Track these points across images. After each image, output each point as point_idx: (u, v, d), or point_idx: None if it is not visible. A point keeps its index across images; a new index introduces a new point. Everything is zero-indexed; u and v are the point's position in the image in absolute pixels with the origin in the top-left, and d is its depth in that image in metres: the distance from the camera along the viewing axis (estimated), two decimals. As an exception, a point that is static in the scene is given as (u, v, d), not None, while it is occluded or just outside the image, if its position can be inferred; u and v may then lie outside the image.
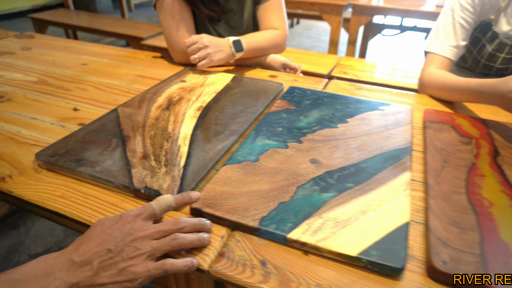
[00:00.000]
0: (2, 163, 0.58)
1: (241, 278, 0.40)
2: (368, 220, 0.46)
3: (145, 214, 0.42)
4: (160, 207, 0.43)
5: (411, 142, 0.63)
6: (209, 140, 0.62)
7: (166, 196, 0.44)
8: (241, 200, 0.49)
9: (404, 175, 0.54)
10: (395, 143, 0.63)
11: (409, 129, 0.67)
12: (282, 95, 0.80)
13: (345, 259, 0.42)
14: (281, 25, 1.03)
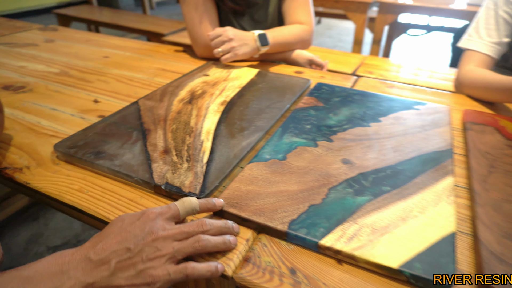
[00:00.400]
0: (20, 153, 0.56)
1: (269, 287, 0.36)
2: (409, 228, 0.41)
3: (168, 214, 0.39)
4: (184, 209, 0.40)
5: (452, 144, 0.58)
6: (233, 136, 0.58)
7: (191, 198, 0.41)
8: (268, 201, 0.45)
9: (446, 179, 0.49)
10: (434, 144, 0.58)
11: (448, 130, 0.62)
12: (309, 92, 0.76)
13: (384, 271, 0.37)
14: (308, 20, 0.99)
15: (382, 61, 1.84)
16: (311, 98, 0.73)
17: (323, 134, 0.60)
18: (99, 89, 0.79)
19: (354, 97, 0.74)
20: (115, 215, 0.44)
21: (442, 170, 0.52)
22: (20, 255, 1.24)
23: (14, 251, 1.27)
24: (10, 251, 1.26)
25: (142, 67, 0.92)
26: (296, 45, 0.98)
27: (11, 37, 1.15)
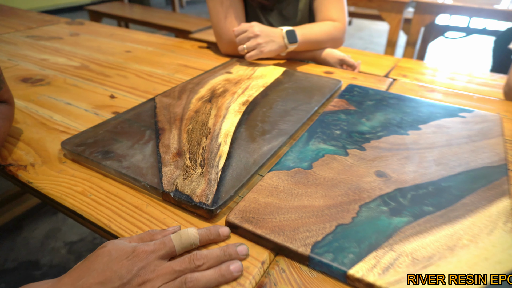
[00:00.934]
0: (28, 149, 0.53)
1: (286, 323, 0.30)
2: (457, 261, 0.34)
3: (162, 251, 0.34)
4: (181, 245, 0.35)
5: (506, 159, 0.50)
6: (254, 140, 0.53)
7: (190, 232, 0.36)
8: (290, 217, 0.39)
9: (502, 201, 0.42)
10: (484, 158, 0.50)
11: (501, 142, 0.54)
12: (340, 94, 0.69)
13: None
14: (340, 17, 0.92)
15: (417, 64, 1.74)
16: (341, 100, 0.66)
17: (354, 142, 0.53)
18: (117, 84, 0.75)
19: (390, 101, 0.67)
20: (117, 223, 0.40)
21: (495, 189, 0.44)
22: (37, 249, 1.24)
23: (32, 244, 1.26)
24: (28, 245, 1.26)
25: (163, 63, 0.88)
26: (326, 44, 0.92)
27: (38, 30, 1.15)
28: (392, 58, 1.82)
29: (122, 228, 0.39)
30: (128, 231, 0.39)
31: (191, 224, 0.40)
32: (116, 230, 0.39)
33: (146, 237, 0.36)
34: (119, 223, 0.40)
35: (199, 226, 0.40)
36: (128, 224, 0.40)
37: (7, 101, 0.53)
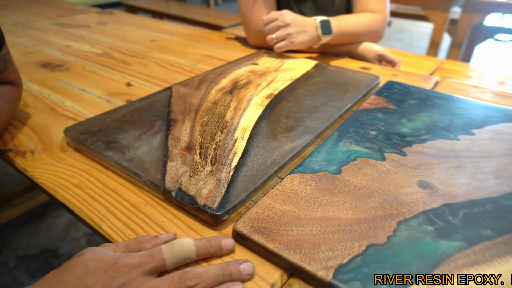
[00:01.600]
0: (31, 135, 0.49)
1: None
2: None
3: (149, 265, 0.28)
4: (173, 258, 0.29)
5: None
6: (275, 137, 0.46)
7: (185, 243, 0.30)
8: (310, 231, 0.32)
9: None
10: (558, 173, 0.40)
11: None
12: (377, 90, 0.61)
13: None
14: (381, 8, 0.83)
15: (462, 66, 1.59)
16: (379, 98, 0.58)
17: (393, 144, 0.46)
18: (136, 72, 0.71)
19: (436, 101, 0.58)
20: (109, 223, 0.34)
21: None
22: (58, 238, 1.24)
23: (54, 232, 1.26)
24: (51, 232, 1.27)
25: (187, 53, 0.83)
26: (364, 37, 0.83)
27: (68, 18, 1.14)
28: (434, 59, 1.68)
29: (114, 230, 0.34)
30: (120, 233, 0.34)
31: (192, 231, 0.34)
32: (106, 231, 0.34)
33: (134, 245, 0.30)
34: (112, 223, 0.35)
35: (203, 233, 0.34)
36: (121, 225, 0.34)
37: (14, 82, 0.50)
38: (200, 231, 0.34)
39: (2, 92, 0.47)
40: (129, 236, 0.33)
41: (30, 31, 0.99)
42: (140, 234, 0.34)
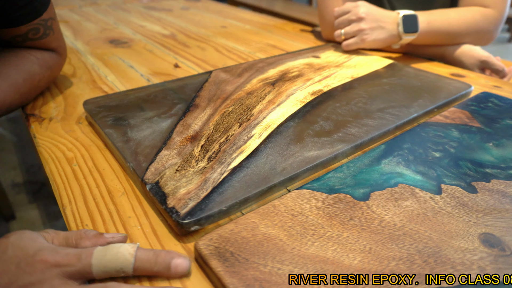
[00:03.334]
0: (60, 103, 0.48)
1: None
2: None
3: (71, 268, 0.22)
4: (102, 266, 0.22)
5: None
6: (300, 140, 0.37)
7: (121, 251, 0.23)
8: (289, 271, 0.23)
9: None
10: None
11: None
12: (463, 102, 0.47)
13: None
14: (496, 1, 0.66)
15: None
16: (461, 111, 0.44)
17: (460, 175, 0.33)
18: (189, 55, 0.68)
19: (549, 126, 0.41)
20: (75, 208, 0.30)
21: None
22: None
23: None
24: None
25: (251, 41, 0.77)
26: (466, 37, 0.67)
27: (158, 3, 1.18)
28: None
29: (74, 215, 0.29)
30: (78, 221, 0.29)
31: (155, 237, 0.28)
32: (67, 216, 0.29)
33: (72, 238, 0.25)
34: (77, 207, 0.30)
35: (165, 242, 0.27)
36: (85, 212, 0.30)
37: (56, 50, 0.50)
38: (163, 240, 0.27)
39: (40, 58, 0.47)
40: (86, 226, 0.28)
41: (119, 11, 1.04)
42: (99, 227, 0.28)
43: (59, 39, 0.50)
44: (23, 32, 0.44)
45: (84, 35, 0.80)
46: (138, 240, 0.27)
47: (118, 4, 1.15)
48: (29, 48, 0.47)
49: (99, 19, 0.94)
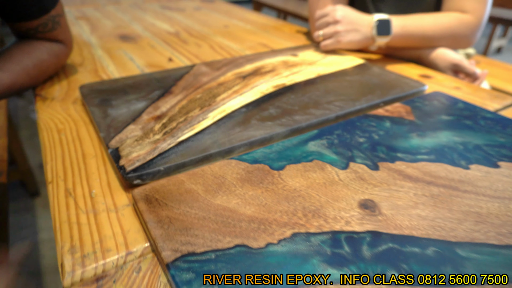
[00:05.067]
0: (64, 87, 0.58)
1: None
2: None
3: None
4: None
5: None
6: (247, 123, 0.44)
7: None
8: (195, 214, 0.30)
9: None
10: None
11: None
12: (412, 99, 0.52)
13: None
14: (474, 8, 0.69)
15: None
16: (403, 106, 0.49)
17: (372, 156, 0.38)
18: (185, 51, 0.76)
19: (481, 122, 0.46)
20: (54, 164, 0.39)
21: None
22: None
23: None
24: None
25: (245, 39, 0.84)
26: (442, 41, 0.70)
27: (173, 3, 1.28)
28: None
29: (52, 170, 0.38)
30: (55, 174, 0.37)
31: (108, 190, 0.35)
32: (46, 170, 0.38)
33: None
34: (56, 165, 0.39)
35: (116, 195, 0.35)
36: (61, 167, 0.38)
37: (63, 42, 0.59)
38: (114, 190, 0.35)
39: (49, 48, 0.57)
40: (59, 178, 0.37)
41: (136, 10, 1.14)
42: (69, 178, 0.36)
43: (66, 33, 0.60)
44: (34, 26, 0.53)
45: (99, 31, 0.90)
46: (95, 189, 0.35)
47: (138, 4, 1.25)
48: (40, 39, 0.56)
49: (117, 17, 1.04)
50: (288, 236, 0.28)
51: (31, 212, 1.33)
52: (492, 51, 3.10)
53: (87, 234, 0.30)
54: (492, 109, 0.53)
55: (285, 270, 0.25)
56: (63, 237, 0.29)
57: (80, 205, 0.33)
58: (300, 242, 0.27)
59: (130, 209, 0.33)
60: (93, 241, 0.29)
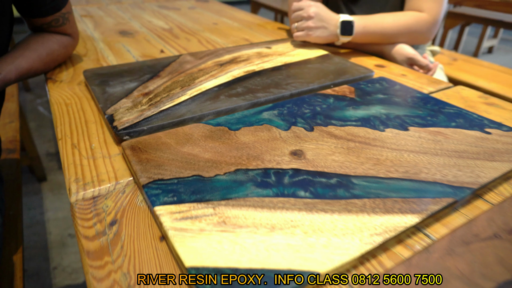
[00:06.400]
0: (71, 71, 0.69)
1: (84, 225, 0.34)
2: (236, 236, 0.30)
3: None
4: None
5: (481, 184, 0.37)
6: (217, 98, 0.54)
7: None
8: (166, 157, 0.41)
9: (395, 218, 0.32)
10: (455, 176, 0.38)
11: (505, 168, 0.40)
12: (357, 83, 0.62)
13: (179, 262, 0.29)
14: (430, 7, 0.79)
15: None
16: (349, 88, 0.60)
17: (311, 122, 0.49)
18: (176, 44, 0.86)
19: (408, 99, 0.56)
20: (62, 127, 0.49)
21: (407, 205, 0.34)
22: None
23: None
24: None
25: (230, 35, 0.95)
26: (400, 38, 0.80)
27: (170, 3, 1.39)
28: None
29: (62, 132, 0.49)
30: (64, 134, 0.48)
31: (104, 144, 0.46)
32: (58, 132, 0.49)
33: None
34: (64, 128, 0.49)
35: (110, 147, 0.45)
36: (68, 128, 0.49)
37: (71, 35, 0.70)
38: (109, 145, 0.46)
39: (59, 39, 0.68)
40: (66, 136, 0.47)
41: (136, 9, 1.25)
42: (74, 136, 0.47)
43: (73, 27, 0.71)
44: (48, 21, 0.64)
45: (102, 27, 1.01)
46: (94, 143, 0.46)
47: (138, 3, 1.36)
48: (52, 33, 0.67)
49: (118, 15, 1.15)
50: (232, 170, 0.39)
51: (39, 195, 1.45)
52: (483, 51, 3.18)
53: (87, 171, 0.41)
54: (427, 92, 0.63)
55: (225, 190, 0.36)
56: (70, 173, 0.40)
57: (83, 154, 0.44)
58: (240, 174, 0.38)
59: (120, 157, 0.44)
60: (92, 175, 0.40)
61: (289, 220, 0.32)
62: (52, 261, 1.17)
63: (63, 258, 1.18)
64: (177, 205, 0.33)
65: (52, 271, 1.14)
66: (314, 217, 0.32)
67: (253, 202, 0.34)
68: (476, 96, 0.61)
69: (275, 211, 0.33)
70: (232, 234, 0.30)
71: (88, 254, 0.30)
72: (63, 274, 1.13)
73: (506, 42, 3.52)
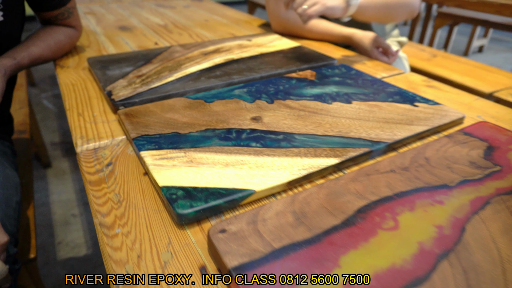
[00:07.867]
0: (76, 59, 0.80)
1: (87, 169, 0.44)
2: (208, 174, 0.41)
3: None
4: None
5: (385, 143, 0.48)
6: (198, 79, 0.65)
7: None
8: (152, 120, 0.52)
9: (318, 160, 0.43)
10: (379, 134, 0.49)
11: (416, 129, 0.50)
12: (320, 68, 0.73)
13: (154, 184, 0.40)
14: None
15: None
16: (311, 72, 0.70)
17: (273, 97, 0.59)
18: (169, 37, 0.97)
19: (359, 81, 0.67)
20: (71, 101, 0.60)
21: (330, 153, 0.45)
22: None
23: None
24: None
25: (219, 30, 1.06)
26: (399, 10, 0.86)
27: (167, 2, 1.50)
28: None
29: (70, 104, 0.59)
30: (70, 106, 0.59)
31: (104, 113, 0.57)
32: (66, 105, 0.60)
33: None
34: (71, 102, 0.60)
35: (108, 114, 0.56)
36: (74, 101, 0.60)
37: (75, 27, 0.81)
38: (107, 113, 0.57)
39: (65, 31, 0.79)
40: (73, 108, 0.58)
41: (135, 8, 1.37)
42: (79, 107, 0.58)
43: (77, 20, 0.82)
44: (55, 14, 0.76)
45: (103, 23, 1.12)
46: (96, 112, 0.57)
47: (137, 2, 1.47)
48: (58, 25, 0.78)
49: (118, 13, 1.26)
50: (202, 129, 0.49)
51: (44, 180, 1.56)
52: (474, 50, 3.28)
53: (90, 131, 0.52)
54: (380, 77, 0.74)
55: (195, 141, 0.46)
56: (76, 132, 0.51)
57: (87, 119, 0.55)
58: (209, 132, 0.49)
59: (116, 122, 0.54)
60: (93, 134, 0.51)
61: (240, 160, 0.43)
62: (57, 237, 1.28)
63: (67, 234, 1.29)
64: (157, 151, 0.44)
65: (57, 245, 1.25)
66: (259, 159, 0.43)
67: (215, 149, 0.45)
68: (420, 81, 0.72)
69: (231, 155, 0.44)
70: (196, 167, 0.41)
71: (90, 183, 0.41)
72: (66, 248, 1.24)
73: (496, 41, 3.62)
